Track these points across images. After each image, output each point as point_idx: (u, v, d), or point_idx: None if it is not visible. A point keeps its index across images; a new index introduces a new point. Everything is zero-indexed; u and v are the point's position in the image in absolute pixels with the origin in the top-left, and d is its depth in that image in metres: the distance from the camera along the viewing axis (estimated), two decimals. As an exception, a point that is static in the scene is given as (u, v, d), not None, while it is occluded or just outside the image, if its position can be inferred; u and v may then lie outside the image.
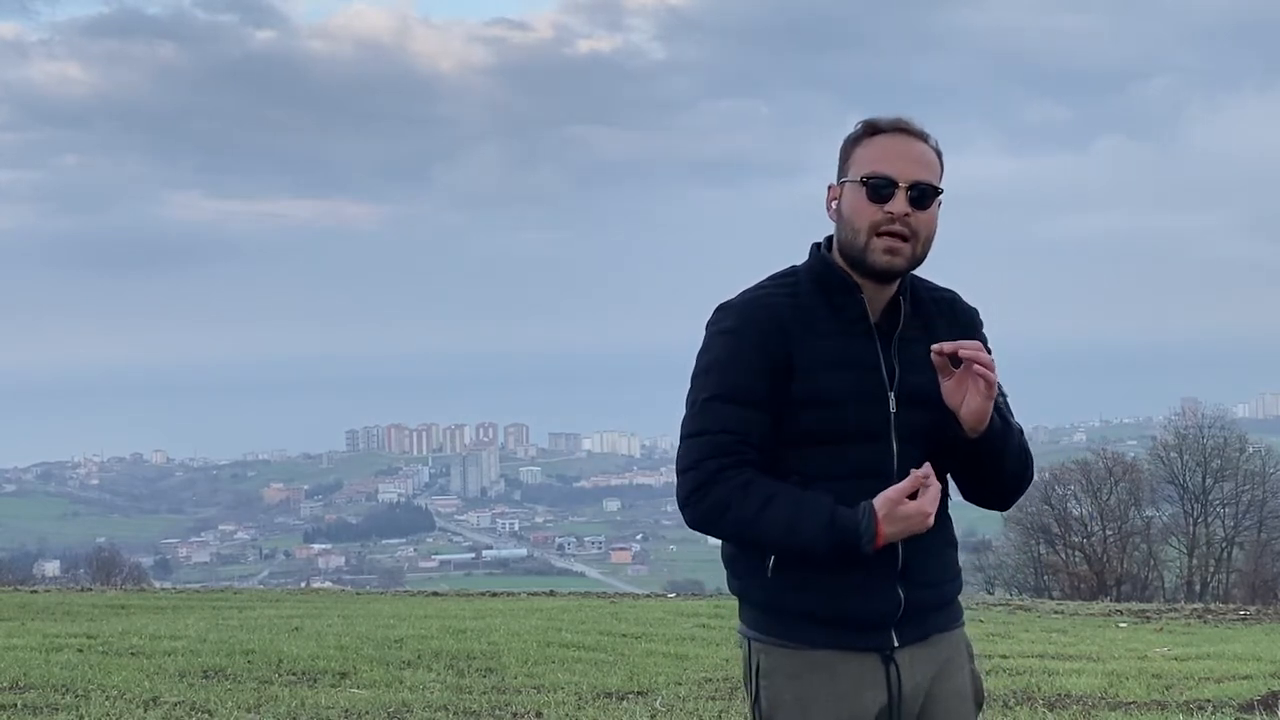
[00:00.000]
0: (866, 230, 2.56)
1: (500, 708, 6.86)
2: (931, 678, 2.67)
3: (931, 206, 2.59)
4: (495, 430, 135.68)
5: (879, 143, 2.60)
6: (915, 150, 2.60)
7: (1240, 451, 35.08)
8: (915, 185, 2.56)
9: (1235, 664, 8.87)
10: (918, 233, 2.57)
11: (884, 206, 2.55)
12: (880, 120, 2.63)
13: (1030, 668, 8.55)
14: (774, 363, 2.56)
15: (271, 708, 6.72)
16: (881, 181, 2.55)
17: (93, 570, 36.75)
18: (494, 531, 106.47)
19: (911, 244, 2.57)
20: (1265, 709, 6.91)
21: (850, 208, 2.60)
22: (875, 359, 2.60)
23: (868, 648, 2.61)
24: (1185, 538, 34.11)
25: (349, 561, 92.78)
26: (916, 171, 2.57)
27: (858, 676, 2.60)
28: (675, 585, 45.89)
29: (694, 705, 6.99)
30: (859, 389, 2.57)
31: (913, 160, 2.58)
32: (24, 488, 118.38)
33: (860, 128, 2.63)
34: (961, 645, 2.76)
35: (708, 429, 2.57)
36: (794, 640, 2.62)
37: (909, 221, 2.55)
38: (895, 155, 2.57)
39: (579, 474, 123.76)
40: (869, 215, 2.56)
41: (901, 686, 2.62)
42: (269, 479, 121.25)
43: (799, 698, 2.61)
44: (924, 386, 2.59)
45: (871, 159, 2.58)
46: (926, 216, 2.58)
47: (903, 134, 2.61)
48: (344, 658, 8.37)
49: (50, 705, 6.66)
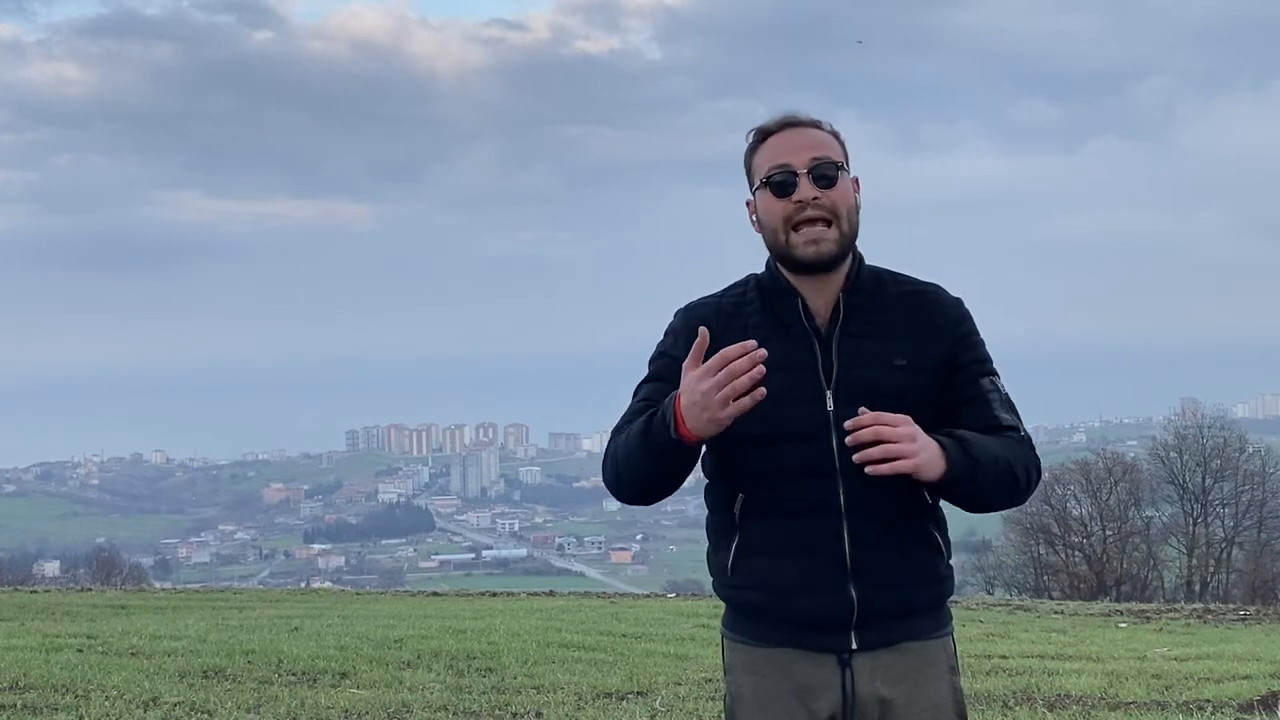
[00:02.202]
0: (783, 226, 2.57)
1: (500, 708, 6.86)
2: (898, 686, 2.59)
3: (840, 182, 2.57)
4: (495, 430, 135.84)
5: (771, 143, 2.62)
6: (807, 137, 2.60)
7: (1240, 451, 35.10)
8: (814, 167, 2.56)
9: (1235, 664, 8.87)
10: (836, 211, 2.56)
11: (791, 198, 2.56)
12: (768, 123, 2.64)
13: (1030, 668, 8.55)
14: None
15: (271, 708, 6.72)
16: (781, 173, 2.57)
17: (92, 570, 36.80)
18: (494, 531, 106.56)
19: (835, 225, 2.56)
20: (1265, 709, 6.91)
21: (764, 210, 2.61)
22: (811, 359, 2.57)
23: (823, 648, 2.58)
24: (1185, 538, 34.11)
25: (349, 562, 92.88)
26: (812, 153, 2.57)
27: (812, 676, 2.59)
28: (675, 585, 45.83)
29: (694, 705, 6.99)
30: (793, 390, 2.54)
31: (807, 146, 2.58)
32: (24, 488, 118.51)
33: (752, 135, 2.65)
34: (941, 656, 2.66)
35: (632, 403, 2.64)
36: (751, 637, 2.64)
37: (821, 203, 2.54)
38: (788, 148, 2.58)
39: (579, 474, 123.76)
40: (781, 211, 2.57)
41: (856, 692, 2.58)
42: (269, 479, 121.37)
43: (756, 693, 2.63)
44: (867, 383, 2.54)
45: (768, 159, 2.60)
46: (838, 193, 2.56)
47: (791, 128, 2.61)
48: (344, 658, 8.38)
49: (50, 705, 6.66)
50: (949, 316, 2.65)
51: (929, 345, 2.60)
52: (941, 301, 2.67)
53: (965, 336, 2.65)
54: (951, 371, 2.62)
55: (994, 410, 2.61)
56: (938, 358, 2.61)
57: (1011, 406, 2.65)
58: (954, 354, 2.62)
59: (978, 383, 2.63)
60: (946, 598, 2.70)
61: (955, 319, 2.66)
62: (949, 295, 2.69)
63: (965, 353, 2.64)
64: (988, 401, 2.62)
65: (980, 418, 2.60)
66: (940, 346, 2.61)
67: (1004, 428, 2.61)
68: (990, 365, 2.68)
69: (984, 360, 2.67)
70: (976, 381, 2.63)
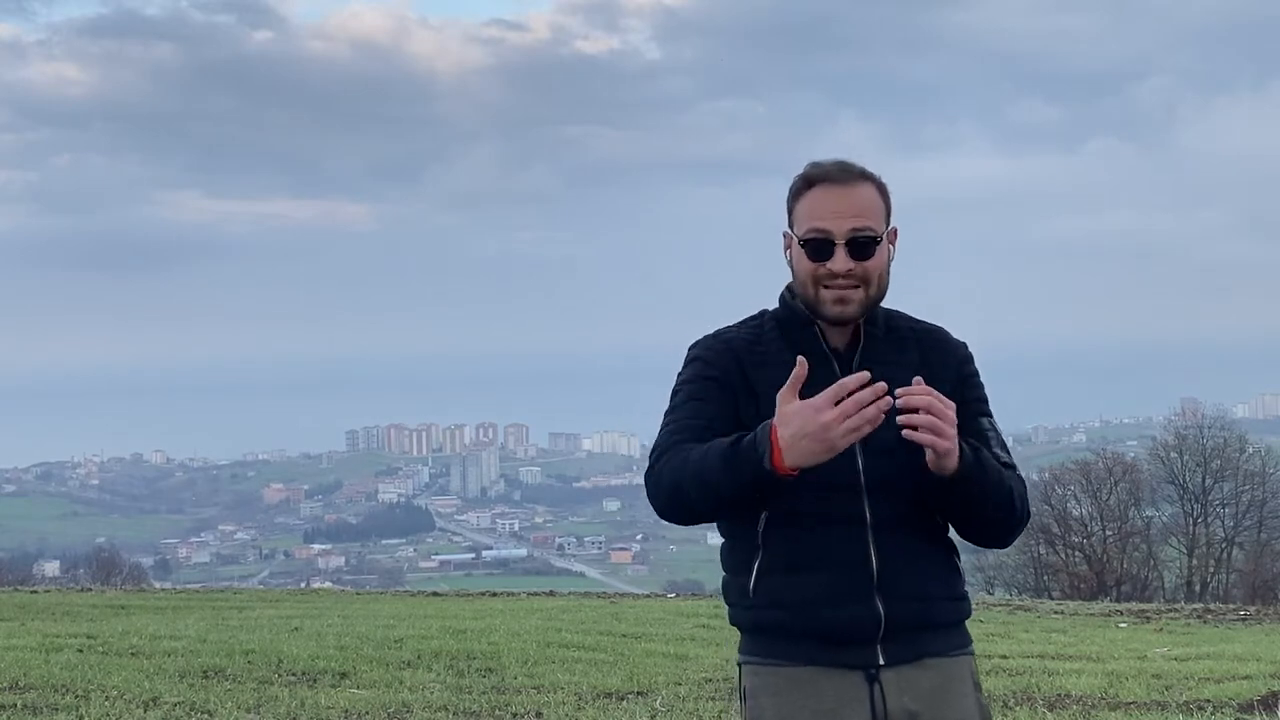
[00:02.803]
0: (813, 285, 2.61)
1: (500, 708, 6.86)
2: (925, 702, 2.59)
3: (876, 253, 2.59)
4: (495, 430, 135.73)
5: (815, 196, 2.61)
6: (852, 200, 2.59)
7: (1240, 451, 35.06)
8: (853, 240, 2.57)
9: (1235, 664, 8.87)
10: (868, 278, 2.59)
11: (825, 264, 2.58)
12: (814, 171, 2.63)
13: (1030, 668, 8.55)
14: (731, 386, 2.62)
15: (271, 708, 6.72)
16: (818, 241, 2.58)
17: (92, 570, 36.77)
18: (494, 531, 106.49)
19: (863, 289, 2.60)
20: (1265, 709, 6.91)
21: (797, 263, 2.64)
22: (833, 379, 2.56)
23: (849, 664, 2.57)
24: (1185, 538, 34.09)
25: (349, 562, 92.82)
26: (852, 222, 2.57)
27: (839, 694, 2.57)
28: (675, 585, 45.89)
29: (694, 705, 6.99)
30: None
31: (849, 210, 2.57)
32: (24, 488, 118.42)
33: (799, 181, 2.64)
34: (966, 673, 2.67)
35: (672, 421, 2.63)
36: (775, 658, 2.61)
37: (854, 274, 2.58)
38: (830, 210, 2.58)
39: (579, 474, 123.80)
40: (812, 270, 2.60)
41: (887, 707, 2.57)
42: (269, 479, 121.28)
43: (780, 715, 2.60)
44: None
45: (808, 214, 2.60)
46: (873, 263, 2.59)
47: (839, 184, 2.60)
48: (344, 658, 8.38)
49: (50, 705, 6.66)
50: (956, 355, 2.73)
51: (939, 377, 2.63)
52: (949, 341, 2.76)
53: (970, 376, 2.73)
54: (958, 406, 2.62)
55: (993, 448, 2.64)
56: (946, 390, 2.61)
57: (1006, 448, 2.70)
58: (959, 390, 2.67)
59: (978, 420, 2.67)
60: (967, 617, 2.71)
61: (962, 358, 2.74)
62: (955, 337, 2.78)
63: (969, 390, 2.71)
64: (987, 439, 2.65)
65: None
66: (947, 384, 2.63)
67: (1003, 465, 2.65)
68: (989, 407, 2.74)
69: (984, 400, 2.74)
70: (977, 419, 2.67)
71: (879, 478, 2.56)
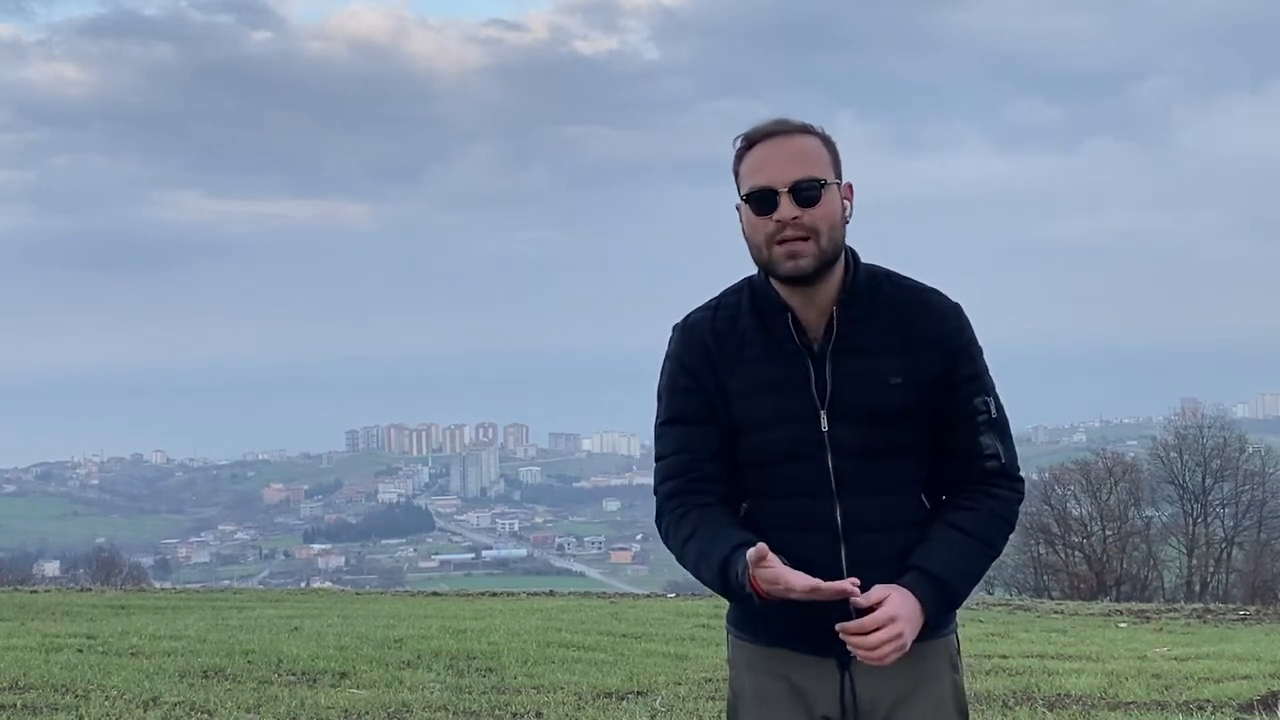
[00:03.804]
0: (764, 243, 2.53)
1: (500, 708, 6.86)
2: (899, 686, 2.60)
3: (823, 199, 2.51)
4: (495, 430, 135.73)
5: (755, 153, 2.55)
6: (792, 149, 2.53)
7: (1240, 451, 35.07)
8: (795, 186, 2.50)
9: (1235, 664, 8.87)
10: (817, 229, 2.50)
11: (772, 216, 2.51)
12: (754, 130, 2.57)
13: (1030, 668, 8.55)
14: (706, 389, 2.60)
15: (271, 708, 6.72)
16: (762, 192, 2.52)
17: (92, 570, 36.76)
18: (494, 531, 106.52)
19: (814, 241, 2.50)
20: (1265, 709, 6.91)
21: (747, 225, 2.56)
22: (805, 377, 2.56)
23: (824, 653, 2.58)
24: (1185, 538, 34.10)
25: (349, 562, 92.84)
26: (794, 171, 2.50)
27: (812, 680, 2.62)
28: (675, 585, 45.71)
29: (694, 705, 6.99)
30: (787, 411, 2.55)
31: (789, 160, 2.52)
32: (24, 488, 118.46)
33: (739, 143, 2.58)
34: (943, 655, 2.67)
35: (664, 453, 2.65)
36: (753, 636, 2.68)
37: (802, 223, 2.49)
38: (771, 162, 2.52)
39: (579, 474, 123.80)
40: (762, 229, 2.52)
41: (856, 697, 2.59)
42: (269, 479, 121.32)
43: (756, 691, 2.67)
44: (862, 402, 2.54)
45: (750, 172, 2.54)
46: (820, 210, 2.51)
47: (777, 136, 2.55)
48: (344, 658, 8.38)
49: (50, 705, 6.66)
50: (946, 329, 2.59)
51: (924, 360, 2.56)
52: (939, 310, 2.61)
53: (962, 350, 2.60)
54: (946, 388, 2.58)
55: (978, 436, 2.59)
56: (932, 373, 2.56)
57: (999, 427, 2.62)
58: (949, 369, 2.57)
59: (971, 403, 2.59)
60: None
61: (952, 330, 2.59)
62: (948, 302, 2.62)
63: (961, 367, 2.59)
64: (975, 425, 2.59)
65: (963, 445, 2.59)
66: (936, 361, 2.56)
67: (984, 456, 2.60)
68: (985, 380, 2.62)
69: (979, 375, 2.62)
70: (970, 401, 2.59)
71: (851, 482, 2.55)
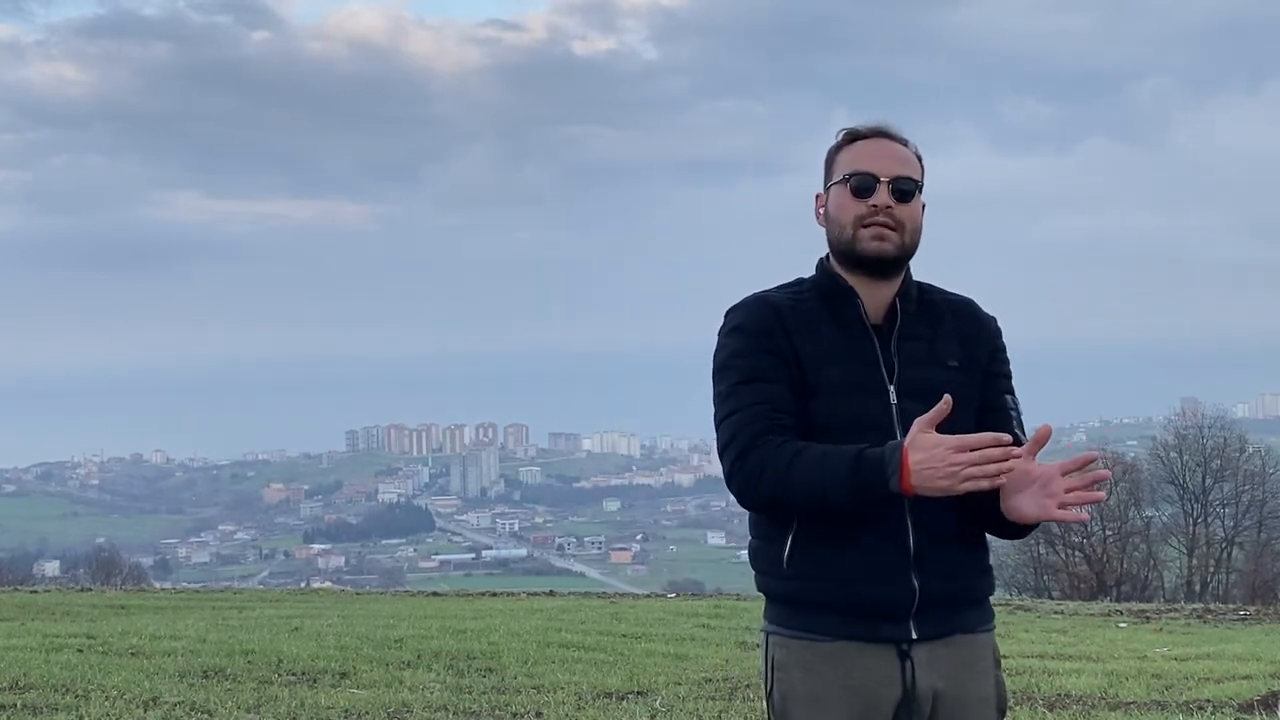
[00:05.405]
0: (853, 224, 2.68)
1: (500, 708, 6.86)
2: (950, 679, 2.64)
3: (914, 201, 2.70)
4: (495, 430, 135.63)
5: (860, 147, 2.74)
6: (895, 150, 2.73)
7: (1240, 451, 35.04)
8: (896, 180, 2.68)
9: (1235, 664, 8.88)
10: (903, 224, 2.68)
11: (868, 200, 2.67)
12: (860, 127, 2.77)
13: (1030, 668, 8.55)
14: (781, 352, 2.66)
15: (271, 708, 6.72)
16: (864, 177, 2.68)
17: (93, 570, 36.74)
18: (494, 531, 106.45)
19: (899, 233, 2.67)
20: (1265, 709, 6.91)
21: (836, 206, 2.72)
22: (874, 354, 2.68)
23: (883, 639, 2.61)
24: (1185, 538, 34.08)
25: (349, 562, 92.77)
26: (896, 168, 2.69)
27: (873, 670, 2.61)
28: (675, 585, 45.83)
29: (694, 705, 6.99)
30: (859, 381, 2.65)
31: (893, 159, 2.71)
32: (24, 488, 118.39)
33: (842, 136, 2.77)
34: (989, 650, 2.74)
35: (739, 407, 2.64)
36: (809, 632, 2.64)
37: (893, 213, 2.67)
38: (876, 155, 2.71)
39: (579, 474, 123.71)
40: (854, 210, 2.68)
41: (916, 682, 2.61)
42: (269, 479, 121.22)
43: (813, 691, 2.63)
44: (925, 381, 2.65)
45: (853, 160, 2.72)
46: (909, 210, 2.69)
47: (882, 138, 2.74)
48: (344, 658, 8.38)
49: (50, 705, 6.66)
50: (989, 329, 2.82)
51: (974, 351, 2.76)
52: (981, 316, 2.84)
53: (1000, 350, 2.82)
54: (986, 378, 2.76)
55: (1013, 426, 2.74)
56: (979, 363, 2.76)
57: (1022, 427, 2.78)
58: (990, 363, 2.78)
59: (1003, 396, 2.79)
60: (991, 593, 2.78)
61: (994, 332, 2.83)
62: (986, 311, 2.86)
63: (998, 365, 2.80)
64: (1009, 416, 2.76)
65: (1000, 429, 2.66)
66: (982, 353, 2.77)
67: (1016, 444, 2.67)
68: (1012, 384, 2.83)
69: (1009, 376, 2.83)
70: (1002, 395, 2.78)
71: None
